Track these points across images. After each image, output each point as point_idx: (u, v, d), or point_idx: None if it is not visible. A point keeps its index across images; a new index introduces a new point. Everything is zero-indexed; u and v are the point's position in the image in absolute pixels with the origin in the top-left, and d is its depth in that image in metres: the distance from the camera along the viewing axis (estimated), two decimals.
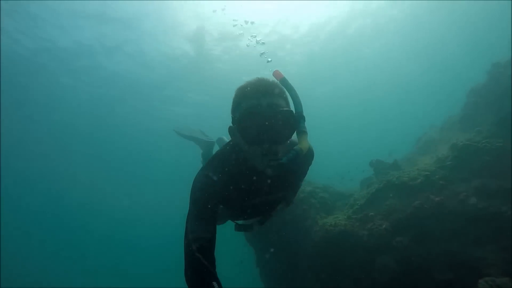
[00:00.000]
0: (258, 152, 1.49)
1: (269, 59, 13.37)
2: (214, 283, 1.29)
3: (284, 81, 1.67)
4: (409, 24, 13.66)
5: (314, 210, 5.54)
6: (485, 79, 5.86)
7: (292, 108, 1.60)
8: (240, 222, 2.27)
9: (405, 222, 4.27)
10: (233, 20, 11.10)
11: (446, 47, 15.62)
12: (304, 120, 1.59)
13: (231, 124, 1.63)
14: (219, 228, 2.09)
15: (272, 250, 5.92)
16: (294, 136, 1.63)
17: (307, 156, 1.95)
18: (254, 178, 1.65)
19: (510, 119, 4.85)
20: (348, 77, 17.66)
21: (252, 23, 11.01)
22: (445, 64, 16.26)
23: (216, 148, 4.56)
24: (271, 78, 1.64)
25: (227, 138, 4.05)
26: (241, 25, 11.38)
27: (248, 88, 1.52)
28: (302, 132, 1.57)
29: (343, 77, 17.64)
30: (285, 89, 1.62)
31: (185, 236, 1.42)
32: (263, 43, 12.03)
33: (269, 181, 1.68)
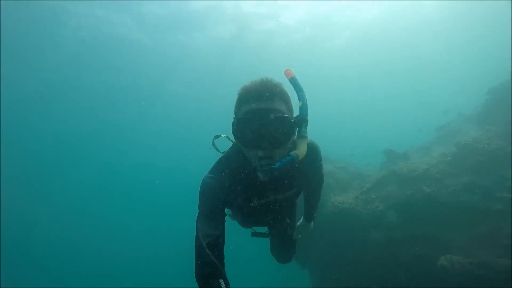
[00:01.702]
0: (255, 155, 1.51)
1: (279, 19, 13.96)
2: (221, 281, 1.35)
3: (293, 80, 1.65)
4: (447, 21, 13.37)
5: (329, 189, 6.56)
6: (505, 79, 6.13)
7: (297, 110, 1.59)
8: (256, 229, 2.41)
9: (398, 207, 5.17)
10: None
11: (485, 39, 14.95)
12: (307, 124, 1.57)
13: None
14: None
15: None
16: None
17: (310, 157, 1.85)
18: (256, 178, 1.63)
19: None
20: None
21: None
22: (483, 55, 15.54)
23: None
24: (276, 79, 1.59)
25: None
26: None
27: (248, 91, 1.51)
28: (301, 137, 1.56)
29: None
30: (286, 92, 1.57)
31: (195, 234, 1.50)
32: None
33: (267, 180, 1.66)
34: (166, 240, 18.40)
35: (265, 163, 1.48)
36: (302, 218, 2.64)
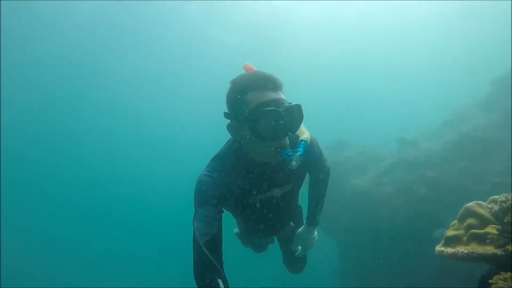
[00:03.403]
0: (271, 147, 1.53)
1: None
2: (219, 281, 1.37)
3: None
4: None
5: (348, 172, 7.65)
6: (506, 70, 6.73)
7: None
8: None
9: (403, 189, 6.20)
10: None
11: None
12: None
13: (230, 121, 1.62)
14: None
15: None
16: None
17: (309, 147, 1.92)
18: (257, 171, 1.69)
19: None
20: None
21: None
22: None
23: None
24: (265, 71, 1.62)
25: None
26: None
27: (256, 80, 1.51)
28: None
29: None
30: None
31: (193, 234, 1.49)
32: None
33: (273, 174, 1.74)
34: (165, 239, 17.97)
35: (289, 151, 1.52)
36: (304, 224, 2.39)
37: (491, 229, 1.56)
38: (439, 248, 1.81)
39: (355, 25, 15.58)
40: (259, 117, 1.45)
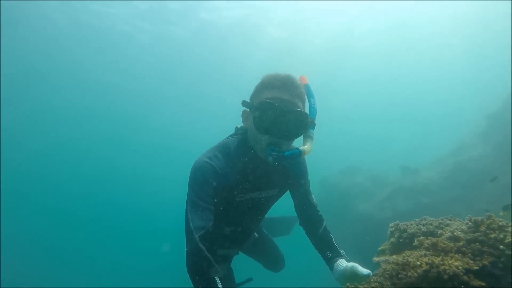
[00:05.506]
0: (264, 140, 1.57)
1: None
2: (216, 278, 1.33)
3: (307, 87, 1.70)
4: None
5: (355, 198, 8.37)
6: (499, 106, 7.37)
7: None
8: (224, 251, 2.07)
9: (402, 214, 6.87)
10: None
11: None
12: (314, 128, 1.67)
13: (246, 109, 1.68)
14: None
15: None
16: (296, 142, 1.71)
17: (303, 164, 1.96)
18: (255, 167, 1.69)
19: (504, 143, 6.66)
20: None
21: None
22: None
23: None
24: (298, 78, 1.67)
25: None
26: None
27: (275, 80, 1.59)
28: (308, 137, 1.66)
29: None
30: (304, 95, 1.68)
31: (186, 226, 1.44)
32: None
33: (267, 172, 1.73)
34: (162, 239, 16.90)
35: (275, 149, 1.54)
36: (338, 263, 1.89)
37: None
38: (373, 258, 2.68)
39: (362, 56, 16.45)
40: (260, 106, 1.54)
